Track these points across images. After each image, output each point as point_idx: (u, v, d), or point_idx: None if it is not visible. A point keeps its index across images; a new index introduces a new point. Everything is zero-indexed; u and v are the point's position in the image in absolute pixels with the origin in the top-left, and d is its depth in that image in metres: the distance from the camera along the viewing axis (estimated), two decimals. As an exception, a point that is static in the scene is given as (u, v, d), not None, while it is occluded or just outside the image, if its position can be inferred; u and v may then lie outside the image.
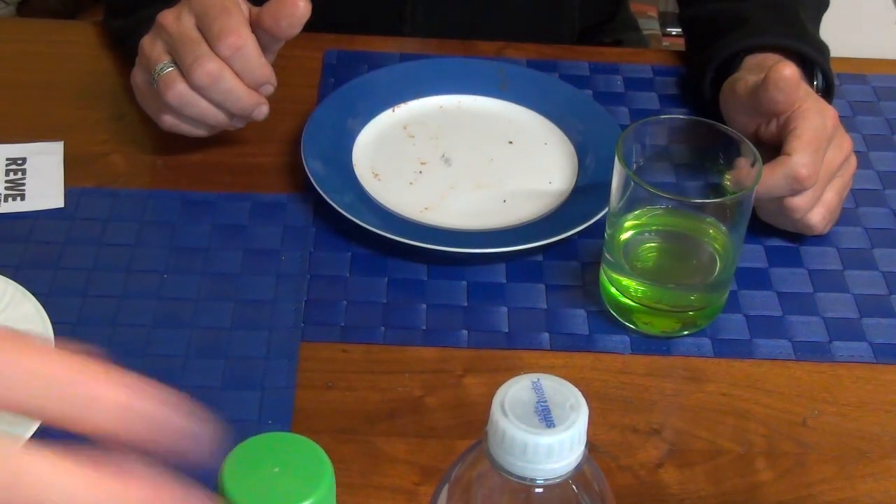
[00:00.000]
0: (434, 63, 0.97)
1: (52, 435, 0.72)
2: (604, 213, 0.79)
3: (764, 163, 0.73)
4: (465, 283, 0.79)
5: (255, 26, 0.81)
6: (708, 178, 0.77)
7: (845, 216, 0.85)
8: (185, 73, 0.80)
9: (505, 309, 0.78)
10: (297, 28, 0.80)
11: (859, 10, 1.62)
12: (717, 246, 0.75)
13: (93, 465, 0.33)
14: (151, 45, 0.82)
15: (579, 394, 0.48)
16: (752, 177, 0.72)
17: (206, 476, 0.36)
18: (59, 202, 0.83)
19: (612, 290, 0.76)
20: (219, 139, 0.87)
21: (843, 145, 0.81)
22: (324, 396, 0.71)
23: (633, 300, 0.75)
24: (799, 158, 0.77)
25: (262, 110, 0.83)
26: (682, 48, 1.03)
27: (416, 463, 0.68)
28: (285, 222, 0.83)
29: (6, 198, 0.83)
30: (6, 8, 1.39)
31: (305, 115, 0.89)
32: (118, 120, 0.91)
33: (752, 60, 0.89)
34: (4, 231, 0.81)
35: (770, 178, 0.77)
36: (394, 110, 0.93)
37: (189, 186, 0.85)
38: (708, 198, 0.78)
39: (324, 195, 0.82)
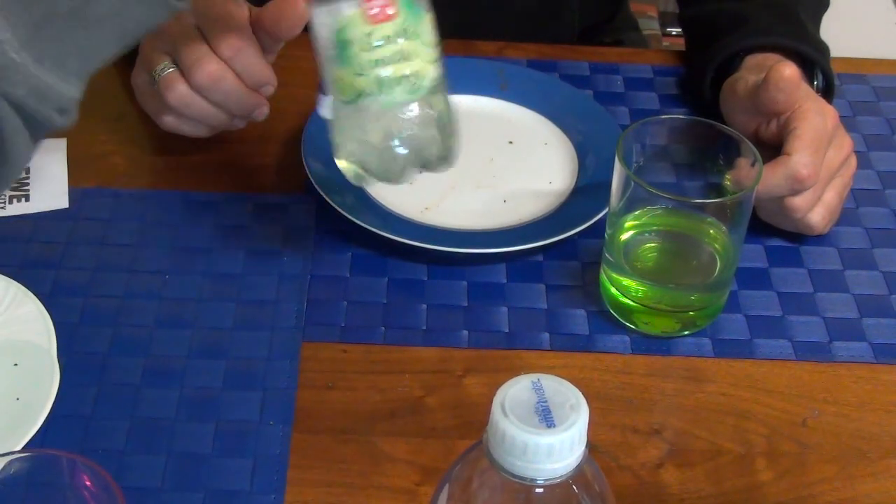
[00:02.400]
0: (434, 63, 0.97)
1: (52, 435, 0.72)
2: (604, 213, 0.79)
3: (764, 163, 0.73)
4: (465, 283, 0.79)
5: (256, 27, 0.81)
6: (708, 178, 0.77)
7: (845, 216, 0.85)
8: (185, 74, 0.80)
9: (505, 309, 0.78)
10: (297, 29, 0.80)
11: (859, 10, 1.62)
12: (717, 246, 0.75)
13: None
14: (152, 46, 0.82)
15: (579, 394, 0.48)
16: (752, 177, 0.72)
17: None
18: (63, 202, 0.83)
19: (613, 290, 0.76)
20: (219, 139, 0.87)
21: (844, 145, 0.81)
22: (324, 396, 0.71)
23: (633, 300, 0.75)
24: (799, 158, 0.77)
25: (263, 111, 0.83)
26: (682, 48, 1.03)
27: (416, 463, 0.68)
28: (286, 223, 0.83)
29: (11, 199, 0.83)
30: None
31: (306, 116, 0.89)
32: (118, 120, 0.91)
33: (752, 60, 0.89)
34: (7, 231, 0.81)
35: (770, 178, 0.77)
36: (394, 110, 0.93)
37: (190, 187, 0.86)
38: (708, 198, 0.78)
39: (324, 196, 0.82)
